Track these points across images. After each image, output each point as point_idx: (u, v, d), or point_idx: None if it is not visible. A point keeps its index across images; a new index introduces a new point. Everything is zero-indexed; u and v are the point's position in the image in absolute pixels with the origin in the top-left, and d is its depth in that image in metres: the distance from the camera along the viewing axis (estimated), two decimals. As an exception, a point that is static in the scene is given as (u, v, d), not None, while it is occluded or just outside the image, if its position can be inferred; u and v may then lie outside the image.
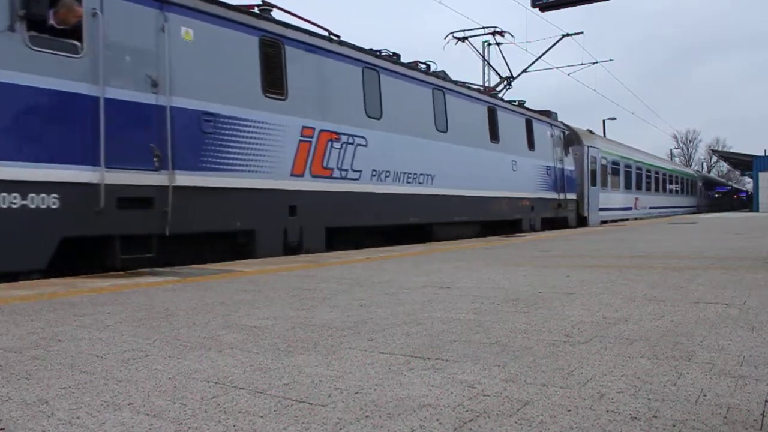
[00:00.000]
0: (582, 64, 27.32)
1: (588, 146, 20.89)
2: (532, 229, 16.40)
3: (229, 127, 7.88)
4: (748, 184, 79.03)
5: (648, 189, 30.51)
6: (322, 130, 9.40)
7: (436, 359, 2.54)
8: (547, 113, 18.63)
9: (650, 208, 30.51)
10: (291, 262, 7.30)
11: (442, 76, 13.24)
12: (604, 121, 43.49)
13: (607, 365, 2.40)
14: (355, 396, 2.06)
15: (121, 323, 3.43)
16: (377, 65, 10.92)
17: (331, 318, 3.52)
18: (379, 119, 10.69)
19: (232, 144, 7.90)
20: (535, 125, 17.21)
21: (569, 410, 1.88)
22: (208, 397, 2.07)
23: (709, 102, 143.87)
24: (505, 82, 18.83)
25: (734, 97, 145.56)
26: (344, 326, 3.27)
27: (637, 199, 27.88)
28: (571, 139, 19.80)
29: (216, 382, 2.25)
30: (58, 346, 2.88)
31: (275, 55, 8.79)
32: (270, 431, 1.75)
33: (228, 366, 2.48)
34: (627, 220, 25.33)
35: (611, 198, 23.59)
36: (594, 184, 21.21)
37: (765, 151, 65.58)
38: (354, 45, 10.62)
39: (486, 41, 25.28)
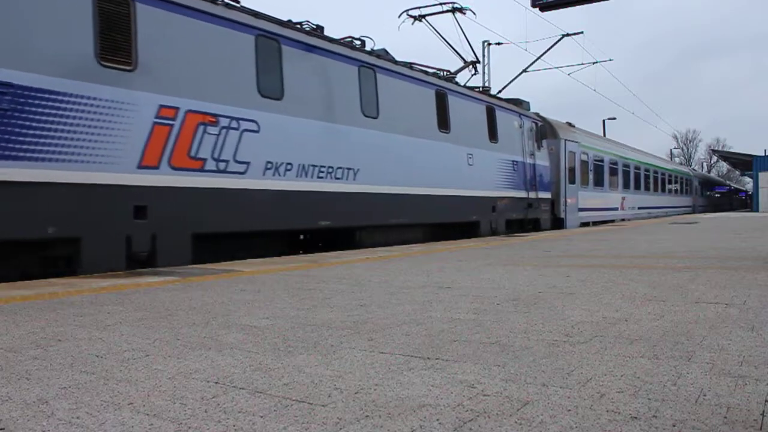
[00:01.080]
0: (582, 64, 27.34)
1: (565, 140, 18.77)
2: (494, 233, 14.45)
3: (37, 102, 6.05)
4: (747, 184, 79.04)
5: (637, 188, 28.12)
6: (189, 111, 7.47)
7: (436, 359, 2.54)
8: (517, 102, 16.78)
9: (639, 208, 28.21)
10: (291, 262, 7.30)
11: (380, 54, 11.50)
12: (604, 121, 43.48)
13: (607, 365, 2.40)
14: (355, 396, 2.06)
15: (121, 323, 3.43)
16: (279, 34, 8.93)
17: (331, 318, 3.52)
18: (278, 100, 8.74)
19: (40, 124, 6.07)
20: (500, 114, 15.08)
21: (569, 410, 1.88)
22: (208, 397, 2.07)
23: (711, 102, 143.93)
24: (470, 67, 16.14)
25: (737, 98, 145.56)
26: (344, 326, 3.27)
27: (624, 198, 25.73)
28: (545, 131, 17.74)
29: (216, 382, 2.25)
30: (58, 346, 2.88)
31: (119, 12, 6.86)
32: (270, 431, 1.75)
33: (228, 366, 2.48)
34: (612, 221, 23.56)
35: (593, 197, 21.53)
36: (572, 182, 19.30)
37: (765, 151, 65.45)
38: (249, 9, 8.63)
39: (486, 41, 25.29)
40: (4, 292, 4.68)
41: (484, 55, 25.28)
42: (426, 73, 12.76)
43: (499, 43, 25.27)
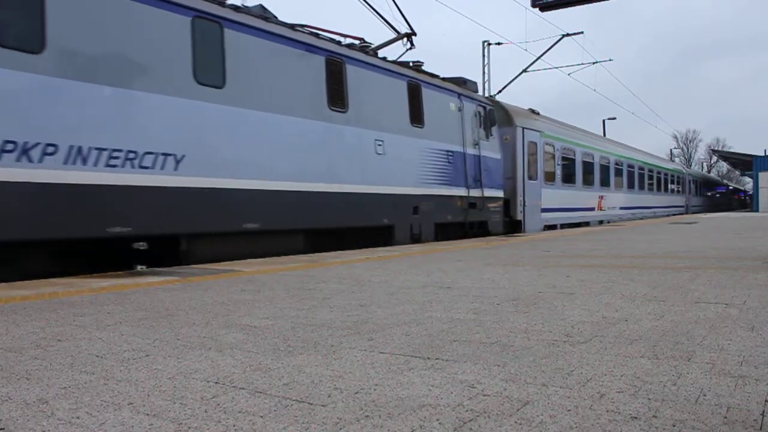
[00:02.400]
0: (582, 64, 27.33)
1: (523, 128, 15.81)
2: (415, 240, 11.49)
3: None
4: (747, 184, 79.04)
5: (619, 186, 24.80)
6: None
7: (436, 359, 2.54)
8: (459, 81, 13.72)
9: (621, 208, 24.94)
10: (291, 262, 7.30)
11: (250, 11, 8.92)
12: (603, 120, 43.47)
13: (607, 365, 2.40)
14: (355, 396, 2.06)
15: (121, 323, 3.43)
16: None
17: (331, 318, 3.52)
18: (38, 53, 6.08)
19: None
20: (428, 94, 12.12)
21: (569, 410, 1.88)
22: (208, 397, 2.07)
23: (712, 102, 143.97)
24: (405, 40, 13.09)
25: (737, 98, 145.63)
26: (344, 326, 3.27)
27: (601, 197, 22.34)
28: (494, 117, 14.58)
29: (216, 382, 2.25)
30: (58, 346, 2.88)
31: None
32: (270, 431, 1.75)
33: (228, 366, 2.48)
34: (587, 224, 20.65)
35: (561, 196, 18.40)
36: (533, 177, 16.33)
37: (765, 151, 65.28)
38: None
39: (486, 41, 25.30)
40: (4, 292, 4.68)
41: (483, 55, 25.28)
42: (316, 36, 9.88)
43: (499, 43, 25.27)
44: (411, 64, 12.44)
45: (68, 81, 6.39)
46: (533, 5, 16.75)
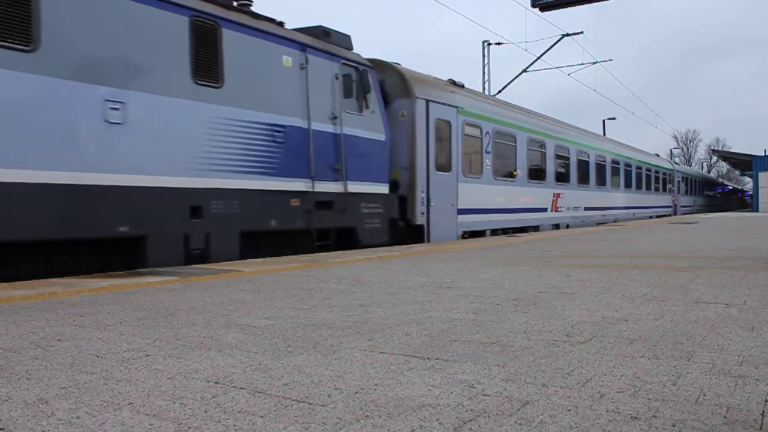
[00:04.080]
0: (582, 64, 27.34)
1: (428, 101, 11.59)
2: (200, 259, 7.61)
3: None
4: (747, 184, 79.03)
5: (583, 182, 20.04)
6: None
7: (436, 359, 2.54)
8: (316, 31, 9.97)
9: (587, 209, 20.34)
10: (291, 261, 7.30)
11: None
12: (603, 121, 43.48)
13: (607, 365, 2.40)
14: (355, 396, 2.06)
15: (121, 323, 3.43)
16: None
17: (331, 318, 3.52)
18: None
19: None
20: (234, 39, 8.21)
21: (569, 410, 1.88)
22: (208, 397, 2.07)
23: (713, 103, 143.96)
24: None
25: (739, 99, 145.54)
26: (344, 326, 3.27)
27: (558, 196, 17.79)
28: (370, 83, 10.42)
29: (216, 382, 2.25)
30: (58, 346, 2.88)
31: None
32: (270, 431, 1.75)
33: (228, 366, 2.48)
34: (536, 228, 16.51)
35: (493, 193, 14.15)
36: (445, 168, 12.13)
37: (765, 151, 65.19)
38: None
39: (486, 41, 25.30)
40: (4, 292, 4.68)
41: (484, 55, 25.29)
42: None
43: (499, 43, 25.28)
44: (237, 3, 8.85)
45: None
46: (533, 5, 16.75)
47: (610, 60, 27.86)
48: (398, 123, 11.27)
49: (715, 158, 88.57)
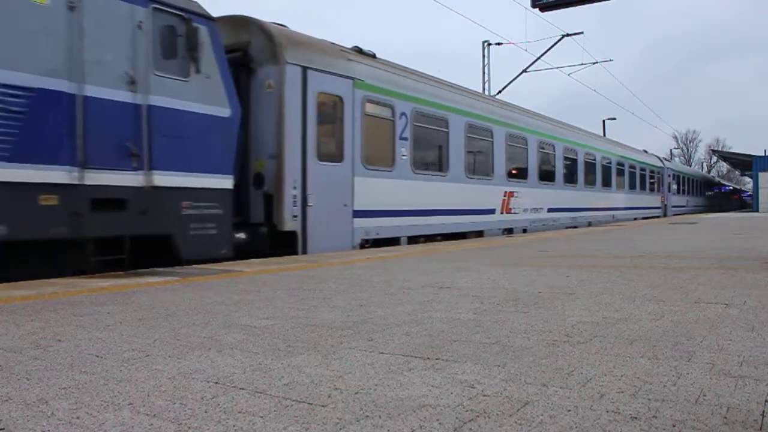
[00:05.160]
0: (582, 64, 27.35)
1: (306, 69, 8.95)
2: None
3: None
4: (747, 184, 79.03)
5: (547, 179, 17.21)
6: None
7: (436, 359, 2.54)
8: None
9: (550, 210, 17.42)
10: (291, 262, 7.30)
11: None
12: (603, 121, 43.49)
13: (607, 365, 2.40)
14: (355, 396, 2.06)
15: (121, 323, 3.43)
16: None
17: (331, 318, 3.52)
18: None
19: None
20: None
21: (569, 410, 1.88)
22: (208, 397, 2.07)
23: (714, 104, 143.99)
24: None
25: (740, 99, 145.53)
26: (344, 326, 3.27)
27: (510, 195, 14.98)
28: (199, 38, 7.56)
29: (216, 382, 2.25)
30: (58, 346, 2.88)
31: None
32: (270, 431, 1.75)
33: (228, 366, 2.48)
34: (480, 233, 13.65)
35: (410, 191, 11.30)
36: (334, 157, 9.54)
37: (765, 151, 65.07)
38: None
39: (486, 41, 25.31)
40: (4, 292, 4.68)
41: (484, 56, 25.30)
42: None
43: (499, 44, 25.29)
44: None
45: None
46: (533, 5, 16.75)
47: (611, 60, 27.90)
48: (264, 98, 8.70)
49: (715, 158, 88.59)
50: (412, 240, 11.36)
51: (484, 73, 25.05)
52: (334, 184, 9.49)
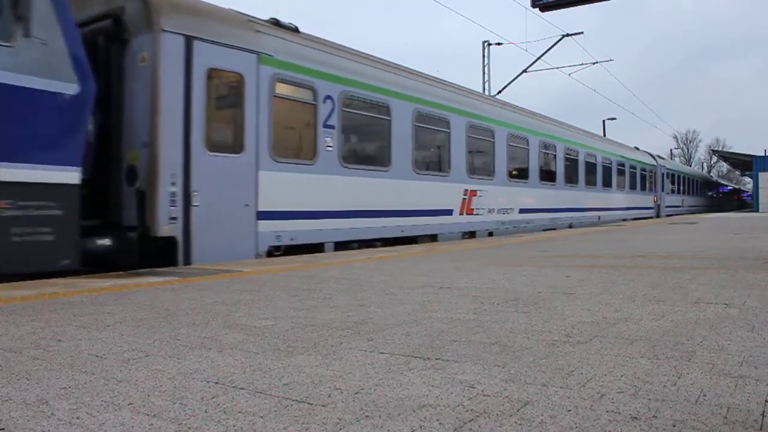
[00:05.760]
0: (582, 64, 27.35)
1: (189, 38, 7.40)
2: None
3: None
4: (747, 184, 79.02)
5: (518, 176, 15.59)
6: None
7: (436, 359, 2.54)
8: None
9: (522, 211, 15.72)
10: (291, 262, 7.30)
11: None
12: (604, 121, 43.50)
13: (607, 365, 2.40)
14: (355, 396, 2.06)
15: (121, 323, 3.43)
16: None
17: (331, 318, 3.52)
18: None
19: None
20: None
21: (569, 410, 1.88)
22: (208, 397, 2.07)
23: (715, 104, 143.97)
24: None
25: (741, 99, 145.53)
26: (344, 326, 3.27)
27: (472, 194, 13.26)
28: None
29: (216, 382, 2.25)
30: (58, 346, 2.88)
31: None
32: (270, 431, 1.75)
33: (228, 366, 2.48)
34: (433, 237, 11.93)
35: (337, 188, 9.64)
36: (229, 147, 8.00)
37: (765, 151, 64.95)
38: None
39: (486, 41, 25.32)
40: (4, 292, 4.68)
41: (484, 56, 25.31)
42: None
43: (499, 44, 25.30)
44: None
45: None
46: (533, 5, 16.74)
47: (611, 60, 27.91)
48: (138, 74, 7.18)
49: (715, 158, 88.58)
50: (342, 246, 9.63)
51: (484, 73, 25.07)
52: (230, 180, 7.87)
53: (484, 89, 24.76)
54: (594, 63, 27.52)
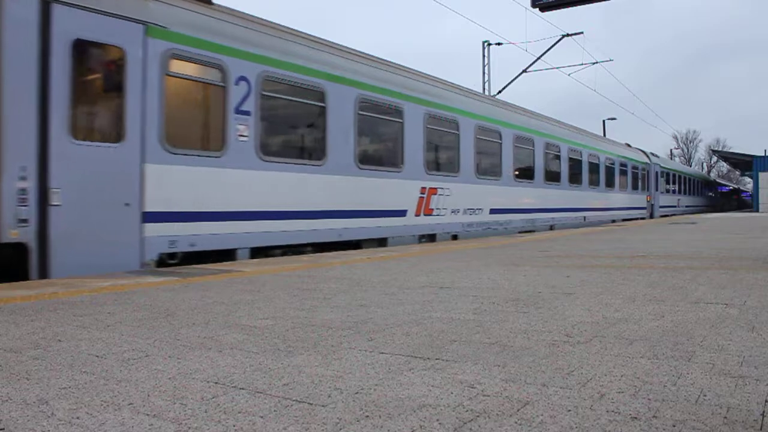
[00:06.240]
0: (582, 64, 27.35)
1: (44, 1, 6.09)
2: None
3: None
4: (748, 184, 78.98)
5: (489, 173, 14.00)
6: None
7: (436, 359, 2.54)
8: None
9: (493, 211, 14.15)
10: (291, 262, 7.30)
11: None
12: (604, 121, 43.50)
13: (607, 365, 2.40)
14: (355, 396, 2.06)
15: (121, 323, 3.43)
16: None
17: (331, 318, 3.52)
18: None
19: None
20: None
21: (569, 410, 1.88)
22: (208, 397, 2.07)
23: (715, 103, 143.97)
24: None
25: (741, 99, 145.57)
26: (344, 326, 3.27)
27: (432, 192, 11.87)
28: None
29: (216, 382, 2.25)
30: (58, 346, 2.88)
31: None
32: (270, 431, 1.75)
33: (228, 366, 2.48)
34: (381, 242, 10.60)
35: (254, 185, 8.25)
36: (103, 135, 6.79)
37: (765, 151, 64.94)
38: None
39: (486, 41, 25.32)
40: (4, 292, 4.68)
41: (484, 56, 25.31)
42: None
43: (499, 44, 25.29)
44: None
45: None
46: (533, 5, 16.75)
47: (610, 60, 27.90)
48: None
49: (715, 158, 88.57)
50: (258, 252, 8.19)
51: (484, 73, 25.07)
52: (105, 174, 6.59)
53: (484, 89, 24.76)
54: (594, 63, 27.51)
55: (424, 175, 11.65)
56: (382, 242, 10.60)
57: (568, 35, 24.37)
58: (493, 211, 14.14)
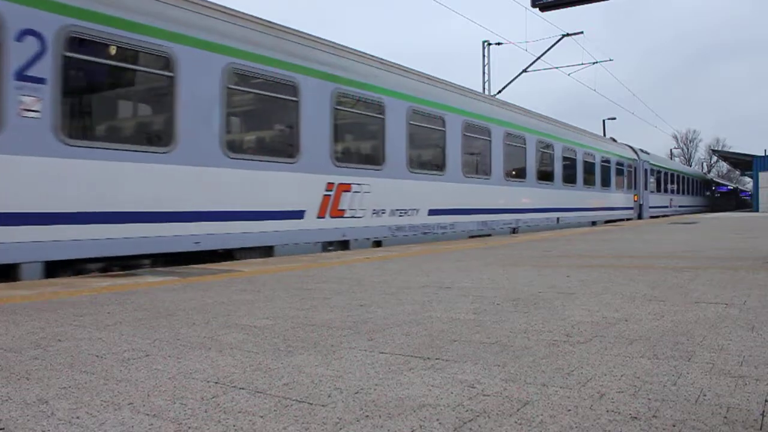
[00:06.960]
0: (582, 64, 27.35)
1: None
2: None
3: None
4: (747, 184, 78.98)
5: (427, 167, 12.16)
6: None
7: (436, 359, 2.54)
8: None
9: (433, 212, 12.07)
10: (291, 262, 7.30)
11: None
12: (604, 120, 43.49)
13: (607, 365, 2.40)
14: (355, 396, 2.06)
15: (121, 323, 3.43)
16: None
17: (331, 318, 3.52)
18: None
19: None
20: None
21: (569, 410, 1.87)
22: (208, 397, 2.07)
23: (715, 103, 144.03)
24: None
25: (741, 99, 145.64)
26: (344, 326, 3.27)
27: (341, 189, 9.82)
28: None
29: (216, 382, 2.24)
30: (58, 346, 2.88)
31: None
32: (270, 431, 1.75)
33: (228, 366, 2.48)
34: (268, 251, 8.50)
35: (63, 177, 6.08)
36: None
37: (765, 151, 64.88)
38: None
39: (486, 41, 25.32)
40: (4, 292, 4.68)
41: (484, 56, 25.31)
42: None
43: (499, 44, 25.30)
44: None
45: None
46: (533, 5, 16.74)
47: (610, 60, 27.90)
48: None
49: (715, 158, 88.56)
50: (56, 268, 6.19)
51: (484, 72, 25.07)
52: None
53: (483, 89, 24.76)
54: (594, 63, 27.52)
55: (331, 167, 9.53)
56: (267, 251, 8.47)
57: (568, 35, 24.37)
58: (432, 212, 12.01)
